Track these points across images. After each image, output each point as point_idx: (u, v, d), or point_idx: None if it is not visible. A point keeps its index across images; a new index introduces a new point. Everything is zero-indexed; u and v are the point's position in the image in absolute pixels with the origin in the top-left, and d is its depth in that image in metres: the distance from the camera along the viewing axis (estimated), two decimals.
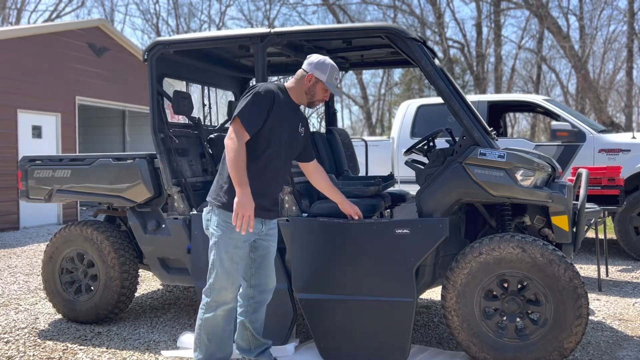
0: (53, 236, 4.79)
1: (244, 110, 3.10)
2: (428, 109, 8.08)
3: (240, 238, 3.18)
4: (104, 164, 4.53)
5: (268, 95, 3.15)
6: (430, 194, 3.59)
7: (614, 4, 31.07)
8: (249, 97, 3.13)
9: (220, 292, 3.19)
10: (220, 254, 3.18)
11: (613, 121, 23.35)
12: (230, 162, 3.06)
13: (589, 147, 7.10)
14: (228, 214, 3.16)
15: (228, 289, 3.20)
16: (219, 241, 3.18)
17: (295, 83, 3.32)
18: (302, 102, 3.35)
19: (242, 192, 3.03)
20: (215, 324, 3.23)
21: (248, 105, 3.11)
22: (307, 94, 3.31)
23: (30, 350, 4.11)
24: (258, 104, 3.12)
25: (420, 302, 5.24)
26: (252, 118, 3.10)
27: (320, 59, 3.28)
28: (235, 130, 3.08)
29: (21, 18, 29.27)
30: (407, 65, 5.17)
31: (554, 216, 3.58)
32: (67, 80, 11.94)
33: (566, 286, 3.33)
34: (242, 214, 3.02)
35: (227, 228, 3.17)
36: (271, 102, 3.15)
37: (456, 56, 27.93)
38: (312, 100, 3.33)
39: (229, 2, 41.52)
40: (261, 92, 3.14)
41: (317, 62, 3.27)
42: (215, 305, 3.20)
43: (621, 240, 6.95)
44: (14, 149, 10.74)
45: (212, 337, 3.24)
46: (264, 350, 3.52)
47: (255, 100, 3.12)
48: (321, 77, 3.26)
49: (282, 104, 3.23)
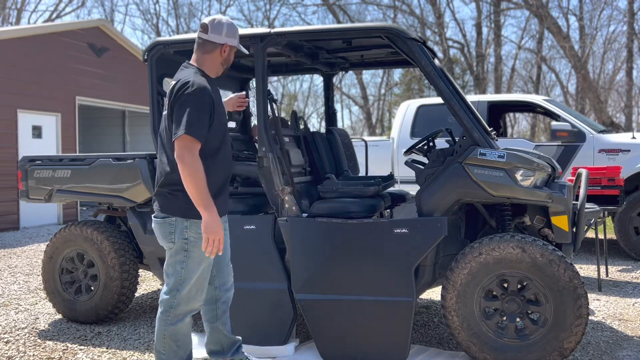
0: (53, 236, 4.79)
1: (190, 123, 2.83)
2: (428, 109, 8.08)
3: None
4: (104, 164, 4.53)
5: (204, 94, 2.91)
6: (430, 194, 3.59)
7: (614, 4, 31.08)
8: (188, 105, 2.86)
9: (189, 302, 3.06)
10: (192, 267, 3.00)
11: (613, 121, 23.34)
12: (189, 181, 2.81)
13: (588, 147, 7.11)
14: (197, 224, 2.96)
15: (198, 297, 3.09)
16: (191, 254, 2.98)
17: (207, 59, 3.09)
18: (218, 74, 3.17)
19: (211, 215, 2.82)
20: (184, 331, 3.12)
21: (191, 113, 2.85)
22: (222, 64, 3.15)
23: (30, 350, 4.11)
24: (200, 107, 2.88)
25: (420, 302, 5.24)
26: (199, 127, 2.86)
27: (226, 23, 3.08)
28: (185, 146, 2.83)
29: (21, 18, 29.27)
30: (407, 66, 5.17)
31: (553, 216, 3.59)
32: (67, 80, 11.94)
33: (566, 286, 3.33)
34: (214, 239, 2.83)
35: (199, 239, 2.97)
36: (210, 99, 2.95)
37: (456, 56, 27.94)
38: (227, 67, 3.20)
39: (229, 2, 41.50)
40: (198, 94, 2.89)
41: (226, 28, 3.07)
42: (183, 314, 3.08)
43: (621, 240, 6.95)
44: (14, 149, 10.74)
45: (181, 344, 3.12)
46: (236, 349, 3.46)
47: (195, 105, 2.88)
48: (234, 42, 3.12)
49: (215, 92, 3.05)
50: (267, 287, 3.86)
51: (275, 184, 3.85)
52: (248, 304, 3.90)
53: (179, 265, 3.01)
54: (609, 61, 25.94)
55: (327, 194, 3.96)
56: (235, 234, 3.92)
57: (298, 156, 4.53)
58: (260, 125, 3.88)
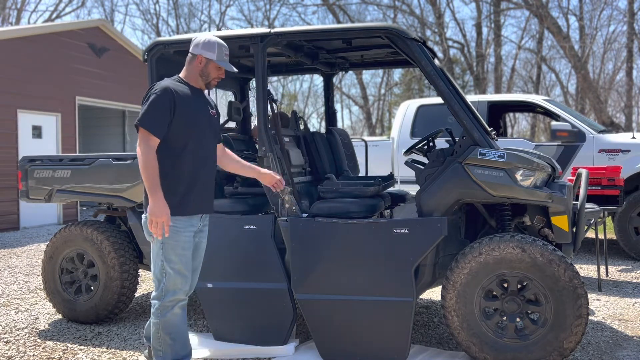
0: (53, 236, 4.79)
1: (144, 117, 3.08)
2: (428, 109, 8.08)
3: (185, 240, 3.19)
4: (104, 164, 4.53)
5: (165, 93, 3.11)
6: (430, 194, 3.59)
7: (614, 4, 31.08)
8: (148, 102, 3.11)
9: (175, 292, 3.20)
10: (169, 257, 3.16)
11: (613, 121, 23.36)
12: (141, 170, 3.05)
13: (588, 147, 7.11)
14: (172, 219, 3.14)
15: (182, 287, 3.22)
16: (165, 245, 3.16)
17: (187, 69, 3.31)
18: (201, 85, 3.33)
19: (155, 199, 3.02)
20: (175, 321, 3.23)
21: (148, 109, 3.09)
22: (201, 76, 3.29)
23: (30, 350, 4.11)
24: (158, 105, 3.09)
25: (420, 302, 5.24)
26: (155, 120, 3.08)
27: (206, 39, 3.26)
28: (141, 138, 3.07)
29: (21, 18, 29.28)
30: (407, 66, 5.17)
31: (553, 216, 3.59)
32: (67, 80, 11.94)
33: (566, 286, 3.33)
34: (157, 221, 3.02)
35: (172, 232, 3.15)
36: (171, 98, 3.12)
37: (456, 56, 27.94)
38: (208, 80, 3.31)
39: (229, 2, 41.54)
40: (158, 93, 3.11)
41: (203, 42, 3.25)
42: (171, 305, 3.21)
43: (621, 240, 6.95)
44: (14, 149, 10.74)
45: (176, 335, 3.24)
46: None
47: (154, 102, 3.10)
48: (211, 56, 3.24)
49: (186, 95, 3.21)
50: (267, 287, 3.86)
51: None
52: (248, 304, 3.90)
53: (158, 258, 3.19)
54: (609, 61, 25.95)
55: (327, 194, 3.96)
56: (235, 234, 3.92)
57: (298, 156, 4.53)
58: (260, 125, 3.88)
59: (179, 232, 3.18)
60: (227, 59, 3.33)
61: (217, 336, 4.00)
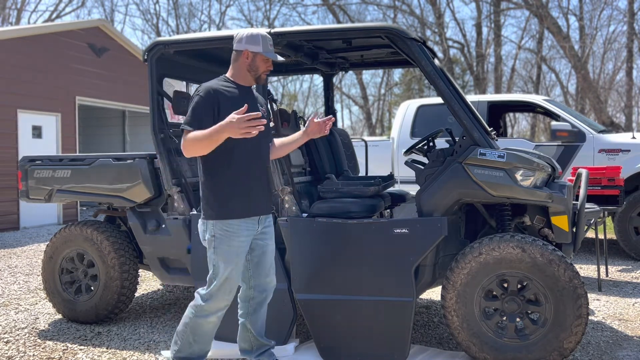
0: (53, 236, 4.79)
1: (189, 120, 3.04)
2: (428, 109, 8.08)
3: (239, 245, 3.16)
4: (104, 164, 4.53)
5: (208, 94, 3.08)
6: (430, 194, 3.59)
7: (614, 4, 31.08)
8: (193, 103, 3.08)
9: (218, 299, 3.19)
10: (219, 263, 3.15)
11: (613, 121, 23.37)
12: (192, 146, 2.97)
13: (588, 147, 7.11)
14: (224, 222, 3.14)
15: (226, 296, 3.20)
16: (218, 250, 3.15)
17: (233, 67, 3.25)
18: (250, 82, 3.28)
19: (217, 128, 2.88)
20: (206, 329, 3.24)
21: (191, 112, 3.06)
22: (249, 71, 3.23)
23: (30, 350, 4.11)
24: (200, 106, 3.05)
25: (420, 302, 5.24)
26: (201, 123, 3.02)
27: (248, 33, 3.21)
28: (184, 139, 3.02)
29: (21, 18, 29.29)
30: (407, 66, 5.17)
31: (553, 216, 3.59)
32: (67, 80, 11.95)
33: (566, 286, 3.33)
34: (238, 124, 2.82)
35: (225, 237, 3.13)
36: (214, 99, 3.08)
37: (456, 56, 27.96)
38: (257, 74, 3.26)
39: (229, 2, 41.55)
40: (201, 94, 3.08)
41: (246, 37, 3.19)
42: (209, 312, 3.20)
43: (621, 240, 6.95)
44: (14, 149, 10.74)
45: (198, 339, 3.26)
46: (265, 351, 3.51)
47: (196, 104, 3.06)
48: (257, 49, 3.18)
49: (232, 95, 3.16)
50: None
51: (275, 184, 3.86)
52: None
53: (210, 262, 3.20)
54: (609, 61, 25.96)
55: (327, 194, 3.96)
56: None
57: (298, 156, 4.53)
58: None
59: (232, 237, 3.14)
60: (272, 49, 3.26)
61: (218, 336, 4.00)
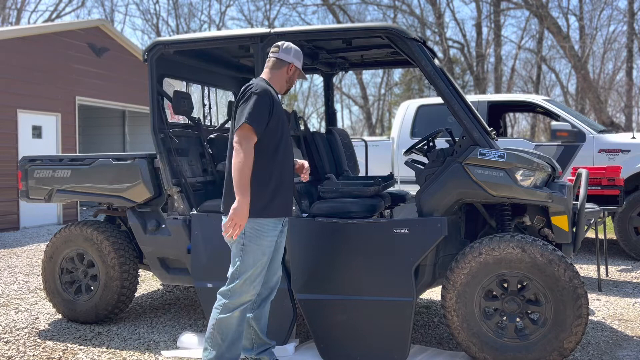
0: (53, 236, 4.79)
1: (249, 115, 3.07)
2: (428, 109, 8.08)
3: (267, 244, 3.21)
4: (104, 164, 4.53)
5: (266, 94, 3.15)
6: (430, 194, 3.59)
7: (614, 4, 31.08)
8: (251, 101, 3.11)
9: (241, 295, 3.22)
10: (248, 261, 3.18)
11: (613, 121, 23.37)
12: (236, 166, 3.04)
13: (588, 147, 7.10)
14: (256, 221, 3.17)
15: (250, 292, 3.23)
16: (247, 248, 3.18)
17: (273, 74, 3.34)
18: (282, 91, 3.39)
19: (243, 201, 3.03)
20: (229, 324, 3.25)
21: (252, 108, 3.09)
22: (287, 82, 3.36)
23: (30, 350, 4.11)
24: (260, 104, 3.11)
25: (420, 302, 5.24)
26: (259, 120, 3.10)
27: (295, 48, 3.35)
28: (243, 135, 3.07)
29: (21, 18, 29.30)
30: (407, 65, 5.17)
31: (553, 216, 3.58)
32: (67, 80, 11.94)
33: (566, 286, 3.33)
34: (237, 223, 3.03)
35: (255, 235, 3.17)
36: (270, 99, 3.17)
37: (456, 56, 27.95)
38: (290, 87, 3.40)
39: (229, 2, 41.52)
40: (260, 93, 3.14)
41: (295, 50, 3.34)
42: (234, 307, 3.23)
43: (621, 240, 6.95)
44: (14, 149, 10.74)
45: (225, 337, 3.26)
46: (265, 350, 3.52)
47: (257, 101, 3.11)
48: (299, 65, 3.36)
49: (277, 100, 3.27)
50: None
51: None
52: None
53: (237, 258, 3.21)
54: (609, 61, 25.96)
55: (327, 194, 3.96)
56: None
57: (298, 156, 4.53)
58: None
59: (264, 236, 3.19)
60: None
61: None
